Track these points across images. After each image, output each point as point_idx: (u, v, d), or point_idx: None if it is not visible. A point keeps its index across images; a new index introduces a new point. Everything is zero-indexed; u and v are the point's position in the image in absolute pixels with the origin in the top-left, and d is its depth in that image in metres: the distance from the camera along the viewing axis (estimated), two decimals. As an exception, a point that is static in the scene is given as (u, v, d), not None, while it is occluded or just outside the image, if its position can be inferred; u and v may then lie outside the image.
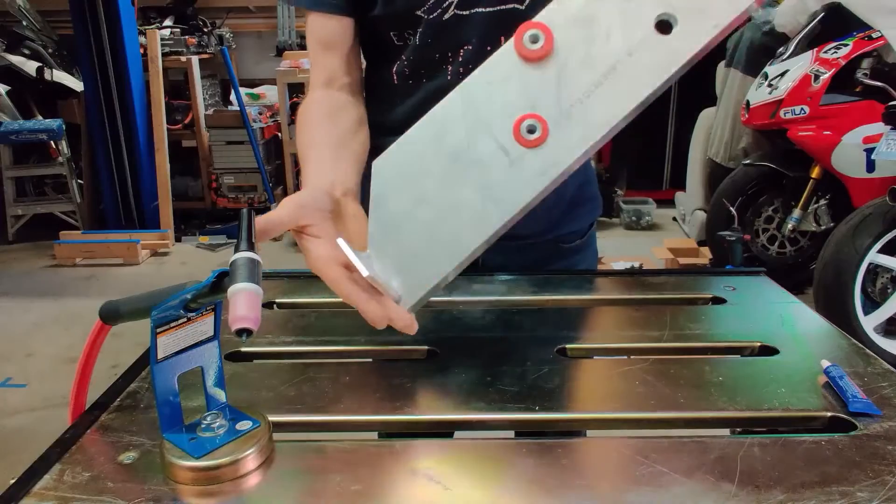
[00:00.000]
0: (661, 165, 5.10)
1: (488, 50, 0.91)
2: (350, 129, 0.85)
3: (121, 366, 0.79)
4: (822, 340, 0.84)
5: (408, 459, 0.61)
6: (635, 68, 0.55)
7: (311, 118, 0.86)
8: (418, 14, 0.90)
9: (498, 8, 0.89)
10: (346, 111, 0.89)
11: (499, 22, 0.89)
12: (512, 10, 0.89)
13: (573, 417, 0.70)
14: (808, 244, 3.44)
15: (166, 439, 0.60)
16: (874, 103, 2.98)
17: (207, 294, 0.57)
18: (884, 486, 0.55)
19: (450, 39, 0.91)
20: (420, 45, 0.92)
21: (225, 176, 4.89)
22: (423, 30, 0.91)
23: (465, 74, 0.92)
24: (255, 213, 0.60)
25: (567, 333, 0.87)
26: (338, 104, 0.90)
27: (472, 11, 0.89)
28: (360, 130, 0.87)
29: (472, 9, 0.89)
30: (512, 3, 0.89)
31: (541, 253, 1.08)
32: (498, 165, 0.60)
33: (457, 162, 0.61)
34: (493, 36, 0.90)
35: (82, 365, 0.72)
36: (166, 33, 4.83)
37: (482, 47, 0.90)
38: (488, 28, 0.90)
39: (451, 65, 0.93)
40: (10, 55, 4.45)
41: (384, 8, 0.91)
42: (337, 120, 0.86)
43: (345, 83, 0.93)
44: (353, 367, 0.79)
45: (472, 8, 0.89)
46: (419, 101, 0.95)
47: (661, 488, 0.56)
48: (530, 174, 0.59)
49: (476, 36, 0.91)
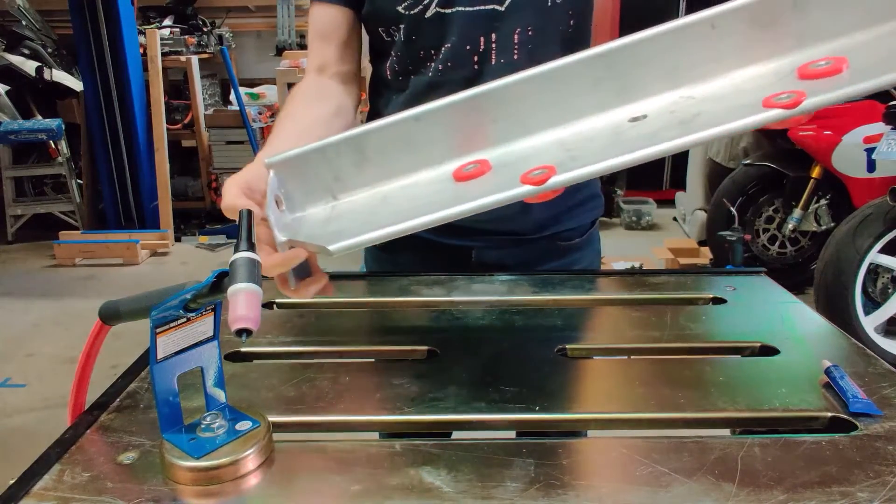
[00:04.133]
0: (662, 165, 5.10)
1: (467, 49, 0.92)
2: (324, 115, 0.88)
3: (121, 366, 0.79)
4: (822, 340, 0.84)
5: (408, 460, 0.61)
6: None
7: (293, 99, 0.92)
8: (399, 10, 0.92)
9: (478, 8, 0.90)
10: (329, 99, 0.92)
11: (479, 22, 0.91)
12: (491, 11, 0.90)
13: (573, 418, 0.70)
14: (809, 244, 3.44)
15: (166, 439, 0.59)
16: (875, 103, 2.98)
17: (207, 294, 0.57)
18: (884, 487, 0.55)
19: (431, 37, 0.93)
20: (405, 41, 0.94)
21: (225, 176, 4.87)
22: (406, 26, 0.93)
23: (445, 72, 0.94)
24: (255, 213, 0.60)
25: (567, 333, 0.87)
26: (323, 90, 0.94)
27: (454, 10, 0.91)
28: (336, 118, 0.90)
29: (453, 7, 0.91)
30: (492, 4, 0.90)
31: (537, 250, 1.08)
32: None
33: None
34: (473, 35, 0.92)
35: (82, 365, 0.72)
36: (166, 33, 4.83)
37: (462, 46, 0.92)
38: (468, 27, 0.91)
39: (433, 62, 0.94)
40: (10, 55, 4.44)
41: (370, 5, 0.94)
42: (316, 104, 0.90)
43: (336, 72, 0.96)
44: (353, 367, 0.79)
45: (453, 7, 0.91)
46: (408, 96, 0.97)
47: (662, 488, 0.55)
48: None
49: (456, 34, 0.92)
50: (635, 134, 0.64)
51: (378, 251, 1.12)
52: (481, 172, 0.66)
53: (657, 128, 0.63)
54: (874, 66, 0.57)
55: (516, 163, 0.66)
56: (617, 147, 0.62)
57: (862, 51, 0.60)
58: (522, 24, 0.91)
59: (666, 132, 0.61)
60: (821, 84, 0.59)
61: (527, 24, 0.91)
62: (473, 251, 1.06)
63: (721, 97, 0.63)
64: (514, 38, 0.92)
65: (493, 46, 0.92)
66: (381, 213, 0.68)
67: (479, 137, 0.69)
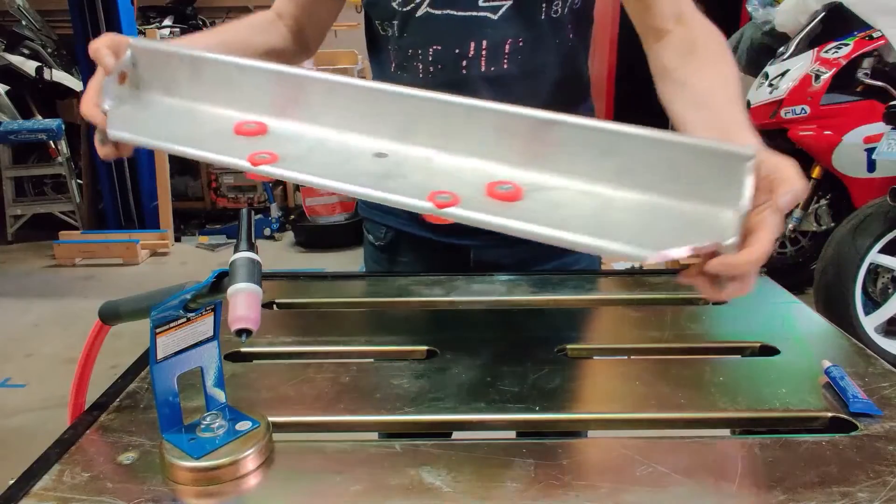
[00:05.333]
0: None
1: (456, 53, 0.91)
2: (255, 46, 0.95)
3: (120, 366, 0.79)
4: (822, 340, 0.84)
5: (408, 460, 0.61)
6: None
7: (240, 21, 1.00)
8: (394, 6, 0.92)
9: (470, 13, 0.89)
10: (269, 35, 0.99)
11: (469, 28, 0.90)
12: (483, 19, 0.89)
13: (574, 418, 0.70)
14: (809, 244, 3.44)
15: (166, 440, 0.59)
16: (875, 103, 2.98)
17: (207, 294, 0.57)
18: (884, 487, 0.55)
19: (421, 36, 0.92)
20: (398, 37, 0.94)
21: (224, 176, 4.89)
22: (399, 23, 0.93)
23: (434, 74, 0.94)
24: (255, 213, 0.60)
25: (567, 334, 0.87)
26: (270, 27, 1.00)
27: (444, 12, 0.90)
28: (265, 54, 0.95)
29: (444, 9, 0.90)
30: (485, 12, 0.89)
31: (536, 249, 1.08)
32: None
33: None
34: (462, 41, 0.90)
35: (82, 365, 0.72)
36: (166, 33, 4.82)
37: (450, 49, 0.91)
38: (457, 31, 0.90)
39: (422, 62, 0.94)
40: (10, 55, 4.45)
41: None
42: (253, 34, 0.98)
43: (290, 23, 1.02)
44: (353, 367, 0.79)
45: (444, 9, 0.90)
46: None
47: (662, 488, 0.55)
48: None
49: (446, 37, 0.91)
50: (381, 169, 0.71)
51: (378, 252, 1.12)
52: (257, 132, 0.75)
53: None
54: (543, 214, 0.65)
55: (298, 144, 0.74)
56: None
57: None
58: (514, 35, 0.90)
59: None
60: (495, 205, 0.66)
61: (519, 35, 0.90)
62: (472, 251, 1.05)
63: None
64: (504, 48, 0.91)
65: (483, 53, 0.91)
66: (172, 124, 0.79)
67: (284, 109, 0.77)
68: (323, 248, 4.28)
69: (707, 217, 0.65)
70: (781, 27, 3.52)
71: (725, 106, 0.74)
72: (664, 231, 0.64)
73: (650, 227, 0.65)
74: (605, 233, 0.63)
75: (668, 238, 0.61)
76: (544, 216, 0.64)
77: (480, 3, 0.89)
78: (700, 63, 0.81)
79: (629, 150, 0.67)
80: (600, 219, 0.65)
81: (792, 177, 0.62)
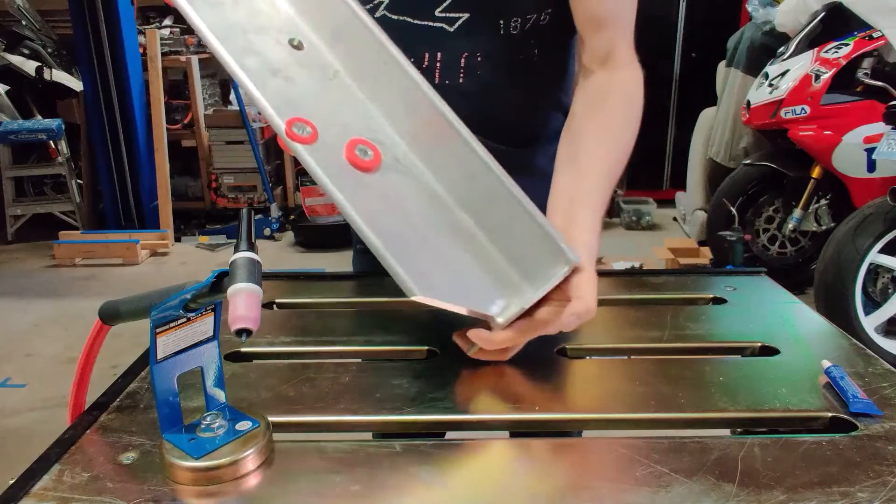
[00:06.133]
0: (662, 165, 5.10)
1: (411, 61, 0.90)
2: None
3: (121, 366, 0.79)
4: (822, 340, 0.84)
5: (407, 459, 0.61)
6: None
7: None
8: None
9: (426, 23, 0.87)
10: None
11: (426, 37, 0.87)
12: (439, 30, 0.87)
13: (573, 418, 0.70)
14: (809, 244, 3.44)
15: (166, 440, 0.59)
16: (875, 103, 2.98)
17: (207, 294, 0.57)
18: (885, 487, 0.55)
19: None
20: None
21: (225, 176, 4.89)
22: None
23: None
24: (255, 213, 0.60)
25: (567, 333, 0.87)
26: None
27: (401, 18, 0.87)
28: None
29: (401, 15, 0.87)
30: (441, 23, 0.87)
31: None
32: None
33: None
34: (417, 50, 0.87)
35: (82, 365, 0.72)
36: (166, 33, 4.83)
37: (406, 56, 0.90)
38: (412, 40, 0.86)
39: None
40: (10, 55, 4.44)
41: None
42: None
43: None
44: (353, 367, 0.79)
45: (401, 14, 0.87)
46: None
47: (662, 489, 0.55)
48: None
49: (400, 45, 0.90)
50: None
51: (363, 255, 1.11)
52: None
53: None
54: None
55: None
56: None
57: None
58: (471, 49, 0.88)
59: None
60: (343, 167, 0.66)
61: (476, 49, 0.88)
62: None
63: None
64: (461, 61, 0.88)
65: (438, 66, 0.89)
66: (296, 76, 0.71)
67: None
68: (323, 248, 4.28)
69: (511, 284, 0.69)
70: (781, 27, 3.52)
71: (590, 185, 0.78)
72: (465, 272, 0.68)
73: (458, 261, 0.68)
74: (415, 248, 0.64)
75: (465, 283, 0.66)
76: (381, 203, 0.65)
77: (437, 14, 0.86)
78: (600, 120, 0.83)
79: (490, 186, 0.69)
80: (422, 231, 0.67)
81: (584, 300, 0.68)
